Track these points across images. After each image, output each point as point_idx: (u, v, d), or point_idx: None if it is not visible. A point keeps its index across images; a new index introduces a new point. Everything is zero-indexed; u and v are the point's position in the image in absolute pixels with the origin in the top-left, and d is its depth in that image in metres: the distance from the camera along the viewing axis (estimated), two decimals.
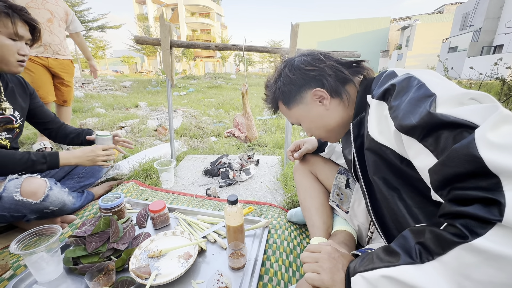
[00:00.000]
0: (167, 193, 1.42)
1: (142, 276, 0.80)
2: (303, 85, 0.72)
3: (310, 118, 0.75)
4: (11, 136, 1.12)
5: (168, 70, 1.56)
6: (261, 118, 3.63)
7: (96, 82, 8.48)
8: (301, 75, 0.71)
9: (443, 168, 0.39)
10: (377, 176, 0.61)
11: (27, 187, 0.94)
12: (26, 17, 0.99)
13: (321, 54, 0.72)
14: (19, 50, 0.99)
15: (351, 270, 0.53)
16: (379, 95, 0.55)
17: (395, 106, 0.50)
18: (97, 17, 19.51)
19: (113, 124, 3.05)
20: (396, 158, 0.53)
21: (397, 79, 0.54)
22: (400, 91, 0.51)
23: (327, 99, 0.71)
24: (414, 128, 0.44)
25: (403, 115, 0.47)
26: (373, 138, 0.57)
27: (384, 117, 0.53)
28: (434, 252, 0.38)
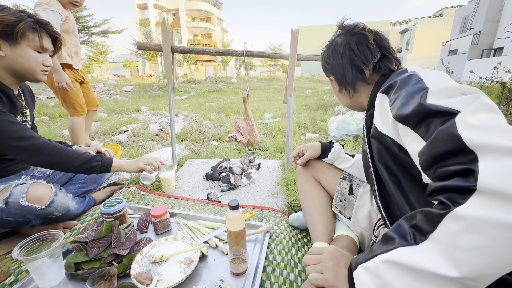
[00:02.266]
0: (168, 198, 1.42)
1: (143, 282, 0.80)
2: (326, 70, 0.87)
3: (334, 90, 0.89)
4: None
5: (170, 75, 1.57)
6: (262, 122, 3.64)
7: (98, 86, 8.54)
8: (324, 63, 0.85)
9: (430, 148, 0.43)
10: (381, 162, 0.67)
11: (33, 193, 0.95)
12: (50, 30, 1.08)
13: (345, 47, 0.76)
14: (44, 61, 1.07)
15: (353, 264, 0.54)
16: (383, 90, 0.61)
17: (394, 98, 0.56)
18: (99, 22, 19.74)
19: (115, 128, 3.06)
20: (395, 146, 0.58)
21: (402, 76, 0.59)
22: (401, 86, 0.56)
23: (337, 87, 0.84)
24: (407, 117, 0.49)
25: (399, 106, 0.52)
26: (377, 128, 0.63)
27: (384, 109, 0.59)
28: (426, 231, 0.40)
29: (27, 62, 1.05)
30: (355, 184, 1.00)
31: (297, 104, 5.66)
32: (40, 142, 0.98)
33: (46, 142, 1.01)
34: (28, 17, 1.00)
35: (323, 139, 2.78)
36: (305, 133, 2.89)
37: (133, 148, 2.35)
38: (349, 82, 0.78)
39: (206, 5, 37.10)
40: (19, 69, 1.06)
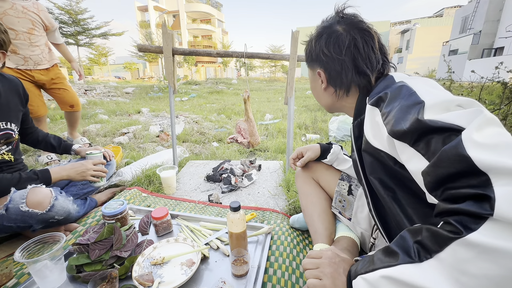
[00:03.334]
0: (169, 199, 1.43)
1: (145, 284, 0.80)
2: (315, 60, 0.75)
3: (312, 84, 0.83)
4: (11, 148, 1.13)
5: (170, 77, 1.58)
6: (262, 123, 3.64)
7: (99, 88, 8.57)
8: (317, 52, 0.73)
9: (435, 169, 0.41)
10: (373, 176, 0.64)
11: (32, 198, 0.94)
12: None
13: (350, 41, 0.67)
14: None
15: (352, 273, 0.53)
16: (373, 101, 0.59)
17: (387, 112, 0.53)
18: (100, 24, 19.84)
19: (116, 130, 3.07)
20: (390, 160, 0.56)
21: (391, 87, 0.57)
22: (392, 98, 0.54)
23: (324, 84, 0.76)
24: (405, 134, 0.47)
25: (394, 121, 0.49)
26: (368, 141, 0.60)
27: (375, 122, 0.57)
28: (431, 250, 0.39)
29: None
30: (353, 184, 1.00)
31: (298, 105, 5.67)
32: None
33: None
34: None
35: (323, 140, 2.78)
36: (306, 134, 2.89)
37: (134, 150, 2.35)
38: (344, 83, 0.71)
39: (206, 6, 37.25)
40: None
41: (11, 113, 1.13)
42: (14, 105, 1.15)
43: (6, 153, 1.12)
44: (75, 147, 1.37)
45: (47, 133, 1.38)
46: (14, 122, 1.14)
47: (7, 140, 1.11)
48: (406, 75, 0.63)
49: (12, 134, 1.13)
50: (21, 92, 1.20)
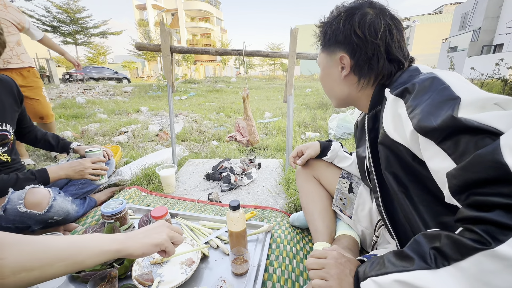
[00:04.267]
0: (169, 198, 1.42)
1: (145, 284, 0.80)
2: (340, 42, 0.67)
3: (325, 72, 0.75)
4: (7, 149, 1.12)
5: (169, 76, 1.57)
6: (262, 121, 3.63)
7: (97, 87, 8.54)
8: (347, 33, 0.65)
9: (464, 173, 0.39)
10: (388, 171, 0.61)
11: (30, 199, 0.94)
12: None
13: (385, 26, 0.62)
14: None
15: (361, 274, 0.52)
16: (398, 92, 0.55)
17: (414, 105, 0.49)
18: (98, 23, 19.75)
19: (115, 129, 3.06)
20: (409, 155, 0.53)
21: (420, 78, 0.52)
22: (421, 90, 0.50)
23: (346, 71, 0.68)
24: (433, 130, 0.44)
25: (423, 116, 0.46)
26: (387, 134, 0.57)
27: (398, 114, 0.53)
28: (450, 258, 0.38)
29: None
30: (354, 182, 1.00)
31: (297, 103, 5.66)
32: None
33: None
34: None
35: (323, 138, 2.77)
36: (305, 132, 2.89)
37: (133, 149, 2.34)
38: (373, 70, 0.65)
39: (205, 4, 37.06)
40: None
41: (6, 114, 1.12)
42: (9, 106, 1.14)
43: (3, 154, 1.11)
44: (74, 145, 1.36)
45: (45, 131, 1.37)
46: (9, 123, 1.13)
47: (3, 141, 1.10)
48: (430, 67, 0.59)
49: (7, 135, 1.12)
50: (15, 92, 1.18)
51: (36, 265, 0.44)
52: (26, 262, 0.43)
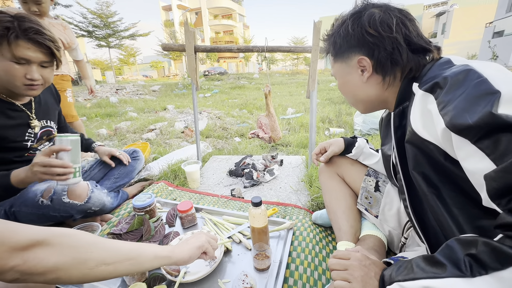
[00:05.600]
0: (194, 193, 1.48)
1: (172, 273, 0.84)
2: (355, 46, 0.64)
3: (344, 80, 0.72)
4: (52, 144, 1.24)
5: (193, 74, 1.62)
6: (284, 118, 3.60)
7: (128, 87, 9.06)
8: (359, 35, 0.62)
9: (505, 175, 0.36)
10: (417, 171, 0.58)
11: (72, 190, 1.04)
12: (33, 38, 0.89)
13: (397, 19, 0.60)
14: (27, 74, 0.93)
15: (386, 278, 0.50)
16: (427, 87, 0.51)
17: (446, 101, 0.45)
18: (128, 26, 20.86)
19: (144, 127, 3.24)
20: (440, 155, 0.49)
21: (452, 71, 0.48)
22: (454, 84, 0.46)
23: (368, 73, 0.65)
24: (469, 128, 0.40)
25: (456, 112, 0.42)
26: (415, 132, 0.54)
27: (428, 111, 0.49)
28: (489, 267, 0.36)
29: (4, 75, 0.92)
30: (381, 180, 0.95)
31: (321, 97, 5.51)
32: None
33: None
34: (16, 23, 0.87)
35: (348, 134, 2.68)
36: (329, 128, 2.81)
37: (160, 146, 2.46)
38: (399, 64, 0.61)
39: (227, 2, 37.37)
40: (1, 83, 0.94)
41: (50, 113, 1.24)
42: (51, 105, 1.26)
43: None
44: (95, 145, 1.46)
45: (75, 131, 1.49)
46: (52, 120, 1.25)
47: (49, 137, 1.23)
48: (464, 58, 0.54)
49: (52, 131, 1.24)
50: (54, 92, 1.31)
51: (111, 261, 0.53)
52: (105, 257, 0.52)
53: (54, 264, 0.46)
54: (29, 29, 0.90)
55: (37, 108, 1.15)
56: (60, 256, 0.47)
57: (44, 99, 1.21)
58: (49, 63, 1.00)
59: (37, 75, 0.96)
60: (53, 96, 1.29)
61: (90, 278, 0.51)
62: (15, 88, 0.96)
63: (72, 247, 0.49)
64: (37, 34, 0.91)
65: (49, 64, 1.00)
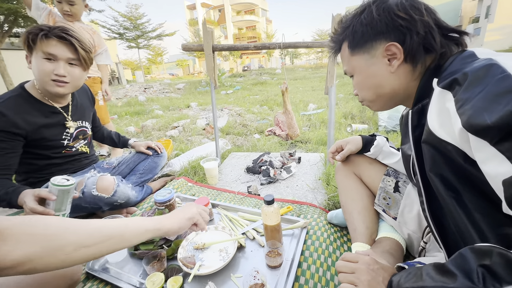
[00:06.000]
0: (211, 189, 1.53)
1: (188, 266, 0.89)
2: (381, 33, 0.59)
3: (367, 73, 0.65)
4: (87, 142, 1.36)
5: (211, 73, 1.65)
6: (305, 114, 3.54)
7: (155, 86, 9.50)
8: (387, 19, 0.58)
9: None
10: (434, 173, 0.55)
11: (100, 184, 1.14)
12: (59, 34, 0.99)
13: (424, 4, 0.58)
14: (55, 70, 1.02)
15: (394, 284, 0.49)
16: (445, 84, 0.47)
17: (464, 99, 0.42)
18: (155, 27, 21.78)
19: (168, 124, 3.39)
20: (459, 156, 0.46)
21: (473, 66, 0.44)
22: (474, 81, 0.42)
23: (398, 60, 0.59)
24: (487, 129, 0.37)
25: (474, 111, 0.39)
26: (431, 131, 0.50)
27: (445, 109, 0.46)
28: (503, 280, 0.34)
29: (36, 71, 1.01)
30: (401, 181, 0.91)
31: (344, 92, 5.31)
32: None
33: None
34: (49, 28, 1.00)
35: (371, 131, 2.56)
36: (352, 124, 2.71)
37: (183, 142, 2.57)
38: (434, 49, 0.56)
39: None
40: (38, 81, 1.03)
41: (85, 114, 1.36)
42: (86, 107, 1.37)
43: (84, 146, 1.35)
44: (131, 141, 1.57)
45: (110, 130, 1.61)
46: (87, 121, 1.37)
47: (84, 136, 1.35)
48: (492, 51, 0.49)
49: (86, 130, 1.36)
50: (89, 94, 1.43)
51: (92, 243, 0.53)
52: (83, 240, 0.52)
53: (22, 255, 0.44)
54: (57, 28, 1.02)
55: (73, 110, 1.27)
56: (26, 247, 0.45)
57: (80, 101, 1.33)
58: (76, 61, 1.09)
59: (62, 71, 1.05)
60: (88, 99, 1.42)
61: (71, 262, 0.51)
62: (45, 84, 1.06)
63: (38, 235, 0.47)
64: (62, 32, 1.02)
65: (77, 62, 1.09)
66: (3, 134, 1.01)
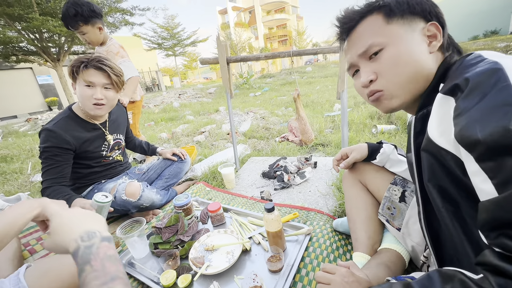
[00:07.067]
0: (227, 194, 1.63)
1: (197, 265, 0.99)
2: (426, 11, 0.55)
3: (406, 45, 0.54)
4: (121, 151, 1.57)
5: (227, 84, 1.75)
6: (329, 115, 3.46)
7: (189, 91, 10.08)
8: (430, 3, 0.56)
9: (497, 209, 0.34)
10: (432, 183, 0.53)
11: (129, 190, 1.31)
12: (96, 65, 1.20)
13: None
14: (93, 94, 1.22)
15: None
16: (447, 90, 0.45)
17: (462, 108, 0.40)
18: (189, 34, 23.07)
19: (196, 130, 3.62)
20: (458, 167, 0.44)
21: (476, 71, 0.41)
22: (474, 89, 0.40)
23: (438, 42, 0.55)
24: (475, 144, 0.36)
25: (467, 122, 0.38)
26: (431, 139, 0.48)
27: (449, 116, 0.44)
28: None
29: (80, 97, 1.23)
30: (408, 190, 0.88)
31: None
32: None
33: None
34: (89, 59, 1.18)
35: (399, 131, 2.41)
36: (377, 125, 2.58)
37: (207, 148, 2.73)
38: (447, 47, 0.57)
39: None
40: (81, 104, 1.24)
41: (120, 128, 1.58)
42: (121, 122, 1.60)
43: (119, 155, 1.57)
44: (158, 149, 1.75)
45: (140, 140, 1.82)
46: (121, 133, 1.58)
47: (119, 146, 1.56)
48: (501, 53, 0.46)
49: (121, 142, 1.57)
50: (126, 113, 1.66)
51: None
52: None
53: None
54: (94, 59, 1.21)
55: (110, 125, 1.49)
56: None
57: (116, 117, 1.56)
58: (110, 85, 1.28)
59: (100, 95, 1.24)
60: (124, 116, 1.65)
61: None
62: (87, 107, 1.27)
63: None
64: (98, 63, 1.21)
65: (110, 86, 1.29)
66: (58, 150, 1.24)
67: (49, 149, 1.22)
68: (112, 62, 1.28)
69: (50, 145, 1.21)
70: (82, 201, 1.14)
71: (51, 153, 1.22)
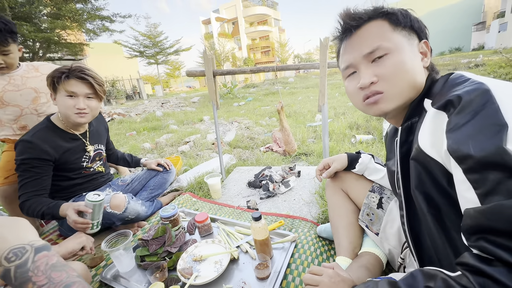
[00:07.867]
0: (213, 204, 1.64)
1: (185, 276, 0.99)
2: (421, 29, 0.63)
3: (409, 56, 0.59)
4: (102, 162, 1.54)
5: (213, 96, 1.80)
6: (311, 125, 3.59)
7: (172, 100, 9.95)
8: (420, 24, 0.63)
9: (480, 217, 0.38)
10: (419, 190, 0.57)
11: (113, 202, 1.29)
12: (77, 75, 1.20)
13: None
14: (76, 104, 1.22)
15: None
16: (440, 105, 0.49)
17: (454, 123, 0.45)
18: (172, 43, 22.96)
19: (181, 139, 3.59)
20: (444, 177, 0.49)
21: (466, 89, 0.46)
22: (466, 106, 0.44)
23: (428, 59, 0.62)
24: (466, 157, 0.40)
25: (460, 138, 0.42)
26: (422, 150, 0.52)
27: (441, 130, 0.48)
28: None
29: (61, 106, 1.22)
30: (385, 197, 0.96)
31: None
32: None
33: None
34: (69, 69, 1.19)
35: (376, 141, 2.57)
36: (356, 135, 2.73)
37: (192, 158, 2.72)
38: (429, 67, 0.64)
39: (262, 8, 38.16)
40: (62, 114, 1.25)
41: (101, 138, 1.54)
42: (102, 132, 1.56)
43: (100, 166, 1.54)
44: (142, 161, 1.74)
45: (123, 152, 1.79)
46: (102, 144, 1.56)
47: (100, 157, 1.53)
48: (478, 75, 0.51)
49: (101, 152, 1.54)
50: (105, 122, 1.63)
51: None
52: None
53: None
54: (76, 69, 1.20)
55: (90, 136, 1.46)
56: None
57: (97, 128, 1.53)
58: (92, 94, 1.28)
59: (82, 105, 1.24)
60: (104, 126, 1.62)
61: None
62: (70, 117, 1.25)
63: None
64: (80, 73, 1.20)
65: (94, 95, 1.29)
66: (37, 161, 1.20)
67: (27, 161, 1.18)
68: (94, 72, 1.29)
69: (28, 156, 1.18)
70: (74, 205, 1.12)
71: (30, 165, 1.19)
